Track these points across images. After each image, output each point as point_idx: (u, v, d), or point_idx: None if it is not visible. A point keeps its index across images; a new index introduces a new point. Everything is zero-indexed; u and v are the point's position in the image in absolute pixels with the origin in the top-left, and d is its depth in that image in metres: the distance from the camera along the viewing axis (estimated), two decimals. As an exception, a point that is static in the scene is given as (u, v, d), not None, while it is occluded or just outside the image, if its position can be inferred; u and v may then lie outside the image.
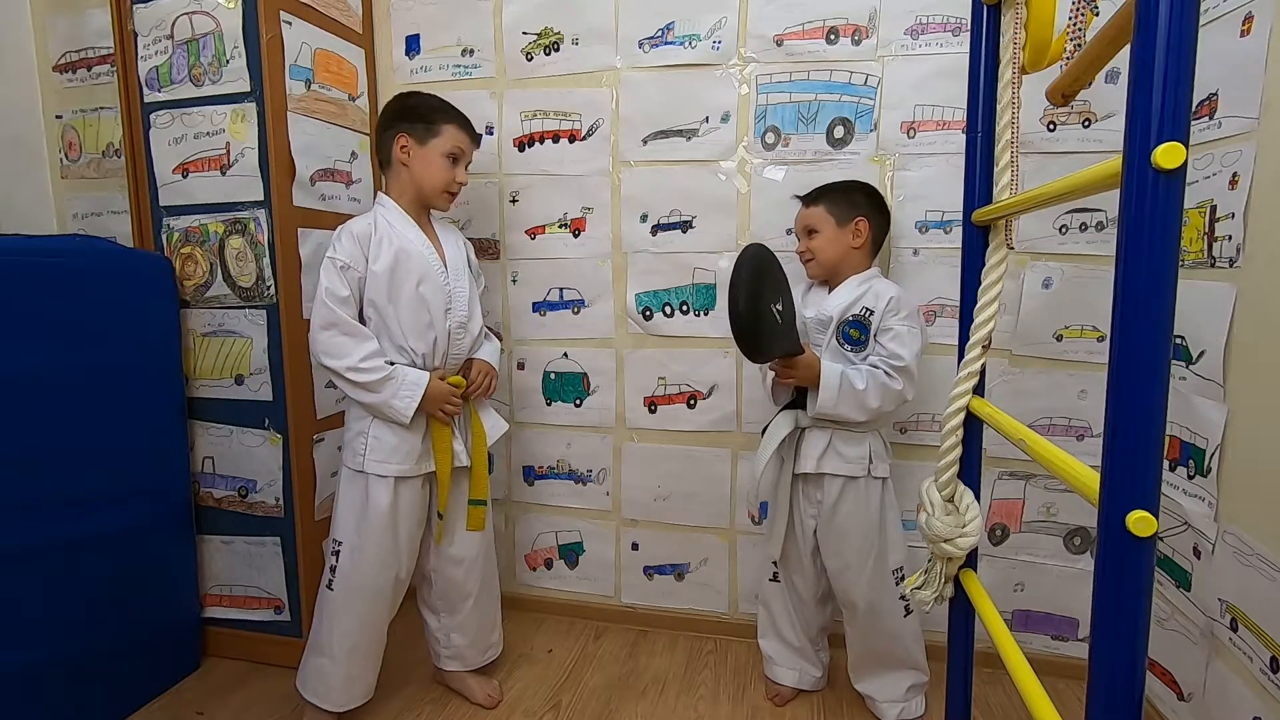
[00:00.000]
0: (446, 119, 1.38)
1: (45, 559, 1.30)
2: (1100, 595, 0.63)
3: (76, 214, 1.80)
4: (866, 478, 1.38)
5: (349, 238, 1.32)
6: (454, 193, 1.42)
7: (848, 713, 1.50)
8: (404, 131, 1.37)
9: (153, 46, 1.54)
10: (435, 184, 1.38)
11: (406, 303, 1.33)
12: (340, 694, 1.38)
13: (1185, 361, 1.32)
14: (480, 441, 1.43)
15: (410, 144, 1.36)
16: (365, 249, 1.32)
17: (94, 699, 1.40)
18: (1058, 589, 1.60)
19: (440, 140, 1.37)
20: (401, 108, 1.40)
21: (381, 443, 1.33)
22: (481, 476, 1.43)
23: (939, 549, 1.04)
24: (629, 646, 1.76)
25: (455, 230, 1.50)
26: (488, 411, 1.49)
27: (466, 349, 1.42)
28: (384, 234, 1.34)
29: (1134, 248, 0.59)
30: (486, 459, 1.45)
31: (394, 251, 1.33)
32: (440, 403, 1.34)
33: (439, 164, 1.37)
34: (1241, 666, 1.15)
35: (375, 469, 1.33)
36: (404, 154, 1.37)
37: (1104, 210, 1.49)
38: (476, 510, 1.44)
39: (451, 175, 1.39)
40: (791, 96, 1.60)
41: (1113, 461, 0.61)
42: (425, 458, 1.37)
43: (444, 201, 1.42)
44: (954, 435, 1.05)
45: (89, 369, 1.37)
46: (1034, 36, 0.92)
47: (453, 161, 1.39)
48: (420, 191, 1.39)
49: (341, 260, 1.31)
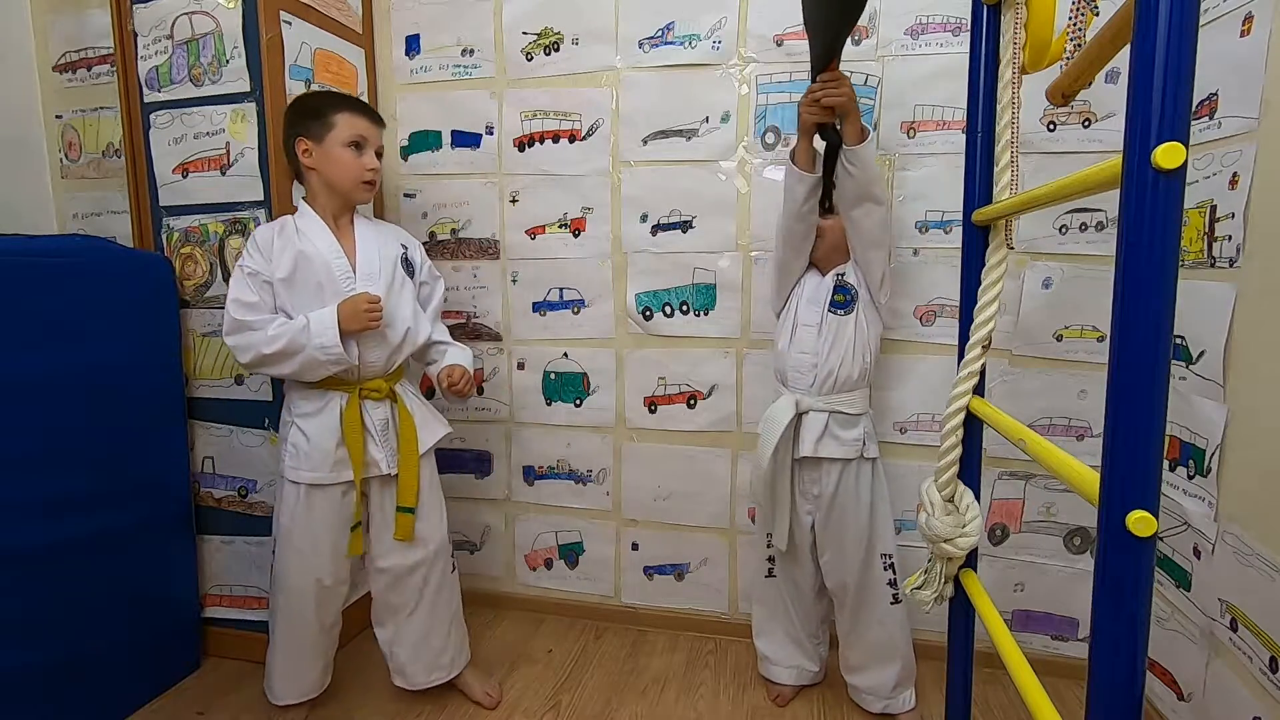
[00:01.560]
0: (337, 108, 1.32)
1: (45, 559, 1.30)
2: (1100, 595, 0.63)
3: (76, 214, 1.80)
4: (860, 459, 1.39)
5: (253, 244, 1.31)
6: (369, 181, 1.34)
7: (847, 712, 1.50)
8: (300, 135, 1.32)
9: (153, 46, 1.54)
10: (345, 178, 1.32)
11: (306, 309, 1.29)
12: (279, 686, 1.42)
13: (1185, 361, 1.32)
14: (410, 446, 1.37)
15: (310, 145, 1.31)
16: (268, 255, 1.30)
17: (94, 699, 1.40)
18: (1058, 589, 1.60)
19: (336, 131, 1.30)
20: (293, 111, 1.35)
21: (298, 450, 1.32)
22: (408, 484, 1.37)
23: (939, 549, 1.04)
24: (629, 646, 1.76)
25: (393, 231, 1.46)
26: (427, 414, 1.44)
27: (388, 354, 1.36)
28: (289, 239, 1.31)
29: (1134, 248, 0.59)
30: (416, 464, 1.38)
31: (293, 257, 1.29)
32: (360, 313, 1.26)
33: (342, 156, 1.31)
34: (1241, 666, 1.15)
35: (290, 475, 1.33)
36: (307, 157, 1.32)
37: (1104, 210, 1.49)
38: (403, 518, 1.38)
39: (360, 164, 1.32)
40: (791, 96, 1.60)
41: (1113, 461, 0.62)
42: (342, 466, 1.32)
43: (362, 193, 1.35)
44: (954, 435, 1.06)
45: (89, 369, 1.37)
46: (1034, 36, 0.92)
47: (356, 149, 1.32)
48: (334, 190, 1.33)
49: (249, 267, 1.29)
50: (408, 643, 1.45)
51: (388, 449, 1.37)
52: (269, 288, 1.30)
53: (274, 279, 1.29)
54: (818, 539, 1.45)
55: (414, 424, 1.39)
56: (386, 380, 1.37)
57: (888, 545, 1.42)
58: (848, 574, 1.42)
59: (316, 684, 1.45)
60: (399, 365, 1.41)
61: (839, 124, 1.28)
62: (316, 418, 1.33)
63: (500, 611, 1.91)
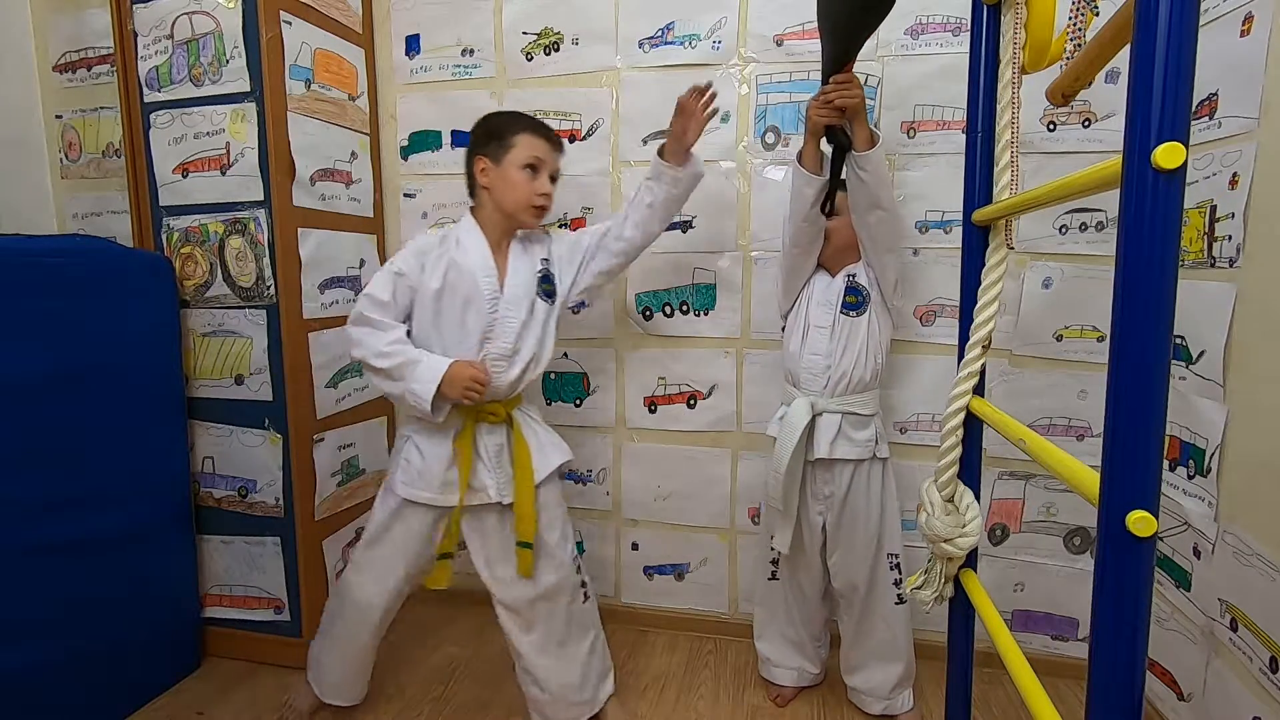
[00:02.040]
0: (518, 129, 1.31)
1: (45, 559, 1.30)
2: (1100, 595, 0.63)
3: (76, 214, 1.80)
4: (872, 460, 1.40)
5: (412, 248, 1.32)
6: (539, 206, 1.32)
7: (848, 712, 1.50)
8: (480, 154, 1.32)
9: (153, 46, 1.54)
10: (516, 201, 1.30)
11: (448, 325, 1.29)
12: (328, 686, 1.43)
13: (1185, 361, 1.32)
14: (525, 474, 1.31)
15: (488, 165, 1.31)
16: (424, 262, 1.30)
17: (94, 699, 1.40)
18: (1058, 589, 1.60)
19: (516, 152, 1.30)
20: (476, 131, 1.35)
21: (410, 465, 1.31)
22: (525, 515, 1.29)
23: (939, 549, 1.04)
24: (629, 646, 1.76)
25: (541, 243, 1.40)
26: (544, 441, 1.38)
27: (510, 382, 1.31)
28: (447, 251, 1.30)
29: (1134, 248, 0.59)
30: (531, 494, 1.30)
31: (446, 271, 1.28)
32: (461, 384, 1.22)
33: (516, 178, 1.29)
34: (1241, 666, 1.15)
35: (403, 491, 1.31)
36: (484, 176, 1.32)
37: (1104, 210, 1.49)
38: (523, 554, 1.31)
39: (531, 188, 1.30)
40: (791, 96, 1.60)
41: (1113, 461, 0.62)
42: (450, 489, 1.30)
43: (529, 217, 1.32)
44: (954, 435, 1.05)
45: (89, 369, 1.37)
46: (1034, 36, 0.92)
47: (532, 171, 1.31)
48: (504, 211, 1.32)
49: (398, 267, 1.30)
50: (540, 681, 1.37)
51: (501, 475, 1.32)
52: (409, 293, 1.30)
53: (421, 287, 1.29)
54: (828, 539, 1.45)
55: (529, 452, 1.33)
56: (505, 405, 1.33)
57: (895, 545, 1.42)
58: (857, 574, 1.42)
59: (360, 693, 1.47)
60: (520, 391, 1.36)
61: (848, 127, 1.28)
62: (432, 437, 1.31)
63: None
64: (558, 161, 1.37)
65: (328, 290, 1.66)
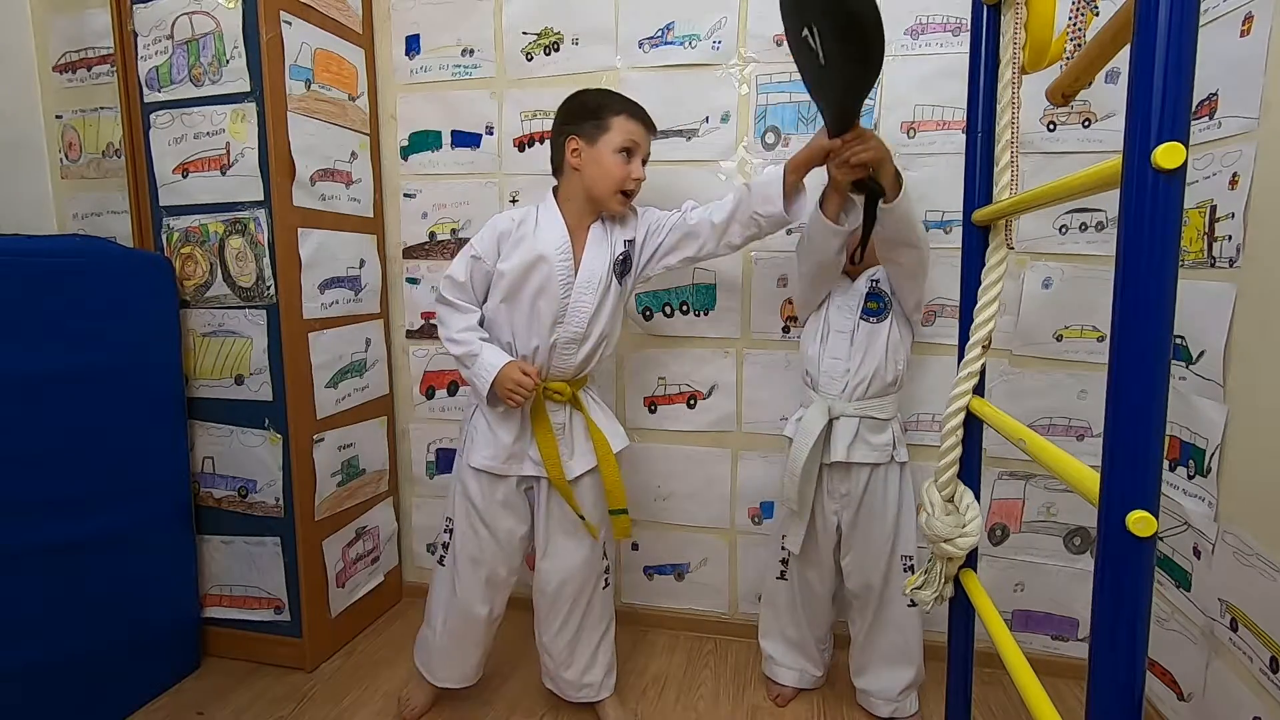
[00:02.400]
0: (615, 110, 1.28)
1: (45, 559, 1.30)
2: (1100, 595, 0.63)
3: (76, 214, 1.80)
4: (890, 463, 1.39)
5: (490, 230, 1.33)
6: (630, 191, 1.31)
7: (848, 713, 1.50)
8: (573, 134, 1.29)
9: (153, 46, 1.54)
10: (608, 184, 1.28)
11: (521, 307, 1.30)
12: (439, 668, 1.44)
13: (1185, 361, 1.31)
14: (604, 448, 1.35)
15: (581, 145, 1.29)
16: (500, 246, 1.31)
17: (94, 699, 1.40)
18: (1058, 589, 1.60)
19: (611, 135, 1.27)
20: (569, 108, 1.33)
21: (478, 434, 1.35)
22: (614, 484, 1.35)
23: (939, 549, 1.04)
24: (629, 646, 1.76)
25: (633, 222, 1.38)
26: (608, 423, 1.40)
27: (578, 363, 1.33)
28: (525, 233, 1.30)
29: (1134, 248, 0.59)
30: (615, 464, 1.36)
31: (524, 254, 1.28)
32: (505, 387, 1.25)
33: (611, 161, 1.27)
34: (1241, 666, 1.15)
35: (468, 458, 1.36)
36: (575, 157, 1.29)
37: (1104, 210, 1.49)
38: (619, 520, 1.37)
39: (626, 171, 1.28)
40: (791, 96, 1.60)
41: (1113, 461, 0.61)
42: (516, 460, 1.33)
43: (618, 203, 1.31)
44: (954, 435, 1.05)
45: (89, 369, 1.37)
46: (1034, 36, 0.92)
47: (627, 156, 1.29)
48: (591, 195, 1.31)
49: (476, 250, 1.32)
50: (555, 651, 1.42)
51: (572, 451, 1.35)
52: (486, 277, 1.32)
53: (496, 271, 1.30)
54: (843, 539, 1.44)
55: (598, 427, 1.36)
56: (571, 384, 1.35)
57: (909, 547, 1.41)
58: (872, 575, 1.42)
59: (476, 671, 1.47)
60: (588, 372, 1.38)
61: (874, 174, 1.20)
62: (498, 410, 1.33)
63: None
64: (650, 145, 1.35)
65: (328, 290, 1.66)
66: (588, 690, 1.44)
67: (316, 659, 1.65)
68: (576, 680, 1.43)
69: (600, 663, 1.44)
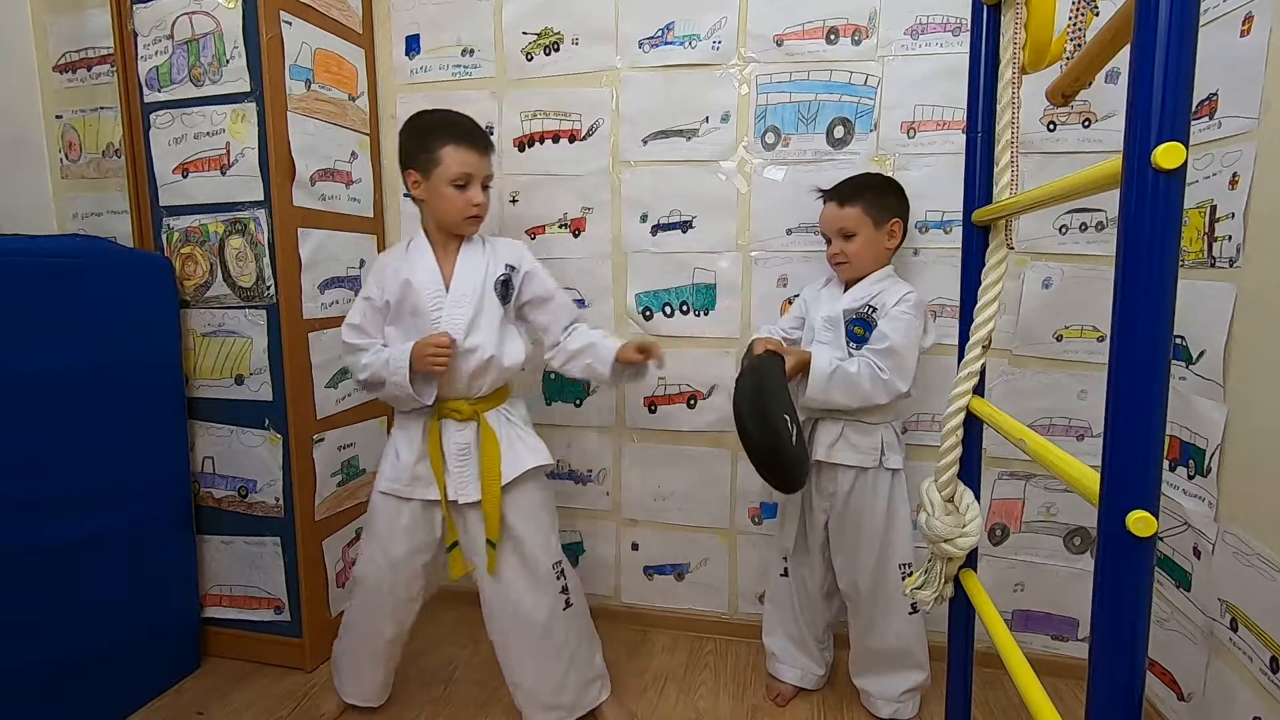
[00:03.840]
0: (442, 139, 1.29)
1: (45, 559, 1.30)
2: (1100, 595, 0.63)
3: (76, 214, 1.80)
4: (878, 469, 1.38)
5: (374, 269, 1.39)
6: (475, 215, 1.33)
7: (848, 713, 1.50)
8: (409, 168, 1.33)
9: (153, 46, 1.54)
10: (450, 215, 1.32)
11: (404, 328, 1.34)
12: (346, 682, 1.46)
13: (1185, 361, 1.31)
14: (491, 473, 1.31)
15: (418, 178, 1.32)
16: (383, 281, 1.35)
17: (94, 699, 1.40)
18: (1058, 589, 1.60)
19: (443, 168, 1.29)
20: (403, 139, 1.35)
21: (386, 460, 1.38)
22: (490, 515, 1.30)
23: (939, 549, 1.04)
24: (629, 646, 1.76)
25: (508, 249, 1.40)
26: (518, 442, 1.36)
27: (468, 379, 1.31)
28: (399, 265, 1.34)
29: (1134, 248, 0.59)
30: (497, 495, 1.30)
31: (399, 284, 1.32)
32: (425, 355, 1.25)
33: (448, 193, 1.30)
34: (1241, 666, 1.15)
35: (376, 482, 1.39)
36: (416, 188, 1.34)
37: (1104, 210, 1.49)
38: (490, 552, 1.33)
39: (465, 201, 1.31)
40: (791, 96, 1.60)
41: (1113, 461, 0.61)
42: (419, 484, 1.33)
43: (468, 227, 1.34)
44: (954, 435, 1.05)
45: (89, 369, 1.37)
46: (1034, 36, 0.92)
47: (461, 188, 1.30)
48: (441, 223, 1.35)
49: (365, 292, 1.37)
50: (517, 681, 1.38)
51: (462, 476, 1.32)
52: (380, 314, 1.35)
53: (383, 304, 1.34)
54: (831, 539, 1.45)
55: (498, 452, 1.32)
56: (470, 403, 1.33)
57: (906, 555, 1.40)
58: (859, 576, 1.41)
59: (379, 693, 1.47)
60: (487, 392, 1.35)
61: None
62: (406, 432, 1.36)
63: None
64: (489, 166, 1.35)
65: (328, 290, 1.66)
66: (559, 712, 1.38)
67: (316, 659, 1.65)
68: (548, 703, 1.38)
69: (571, 684, 1.38)
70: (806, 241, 1.62)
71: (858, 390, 1.31)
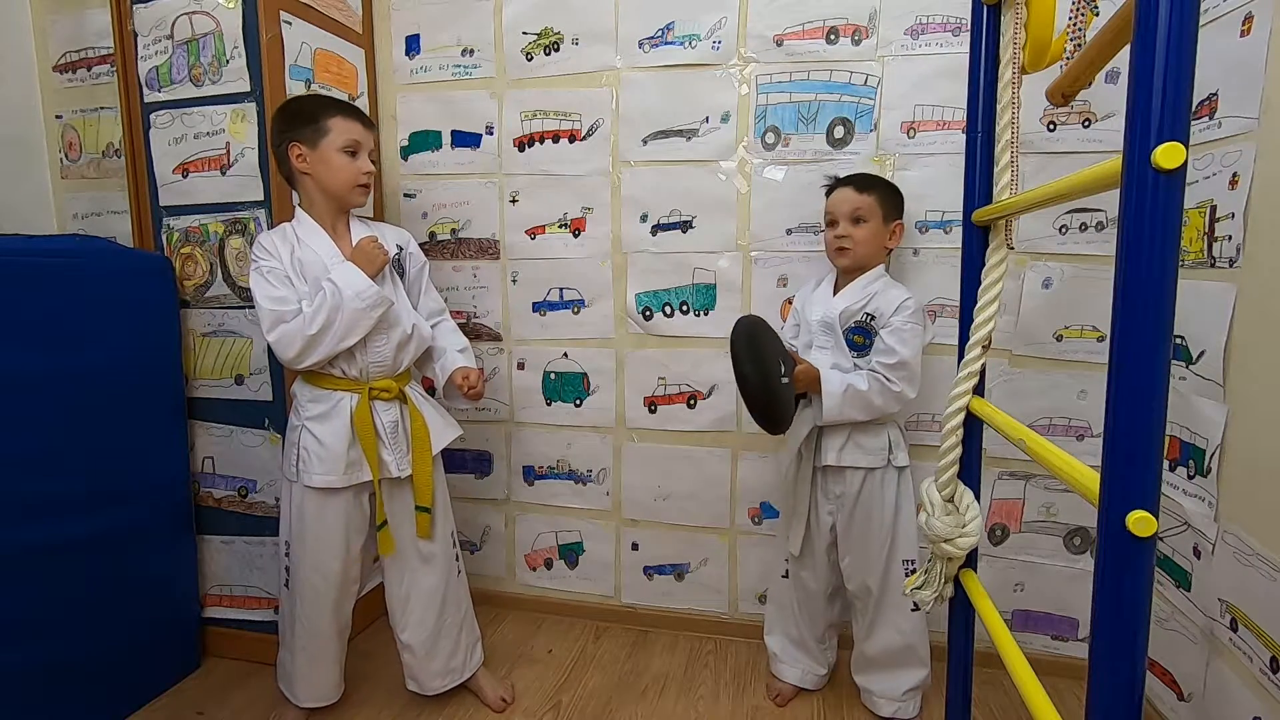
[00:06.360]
0: (331, 113, 1.31)
1: (45, 559, 1.30)
2: (1100, 595, 0.63)
3: (76, 214, 1.80)
4: (886, 467, 1.39)
5: (259, 248, 1.31)
6: (365, 184, 1.35)
7: (849, 713, 1.50)
8: (293, 140, 1.30)
9: (153, 46, 1.54)
10: (341, 182, 1.32)
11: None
12: (301, 690, 1.44)
13: (1185, 361, 1.32)
14: (422, 446, 1.38)
15: (304, 150, 1.30)
16: (276, 254, 1.30)
17: (94, 699, 1.40)
18: (1058, 589, 1.60)
19: (332, 136, 1.30)
20: (283, 116, 1.34)
21: (309, 453, 1.32)
22: (423, 484, 1.38)
23: (939, 549, 1.04)
24: (629, 646, 1.76)
25: (391, 232, 1.45)
26: (437, 416, 1.44)
27: (395, 353, 1.35)
28: (289, 245, 1.31)
29: (1134, 248, 0.59)
30: (429, 464, 1.38)
31: (294, 262, 1.30)
32: (370, 255, 1.29)
33: (339, 161, 1.31)
34: (1241, 666, 1.15)
35: (303, 479, 1.33)
36: (301, 162, 1.31)
37: (1104, 210, 1.49)
38: (421, 518, 1.39)
39: (355, 168, 1.32)
40: (791, 96, 1.60)
41: (1113, 461, 0.61)
42: (355, 468, 1.33)
43: (357, 196, 1.35)
44: (954, 435, 1.05)
45: (89, 369, 1.37)
46: (1034, 36, 0.92)
47: (352, 155, 1.32)
48: (329, 194, 1.33)
49: (265, 265, 1.29)
50: (417, 647, 1.44)
51: (397, 452, 1.36)
52: (289, 280, 1.30)
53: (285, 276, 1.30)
54: (839, 541, 1.45)
55: (425, 424, 1.39)
56: (396, 381, 1.37)
57: (910, 551, 1.41)
58: (870, 577, 1.42)
59: (336, 687, 1.47)
60: (407, 366, 1.41)
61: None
62: (327, 420, 1.32)
63: (500, 611, 1.91)
64: (372, 141, 1.38)
65: (328, 290, 1.66)
66: (453, 675, 1.48)
67: (316, 659, 1.64)
68: (442, 669, 1.46)
69: (463, 645, 1.49)
70: (806, 241, 1.62)
71: (871, 406, 1.34)
